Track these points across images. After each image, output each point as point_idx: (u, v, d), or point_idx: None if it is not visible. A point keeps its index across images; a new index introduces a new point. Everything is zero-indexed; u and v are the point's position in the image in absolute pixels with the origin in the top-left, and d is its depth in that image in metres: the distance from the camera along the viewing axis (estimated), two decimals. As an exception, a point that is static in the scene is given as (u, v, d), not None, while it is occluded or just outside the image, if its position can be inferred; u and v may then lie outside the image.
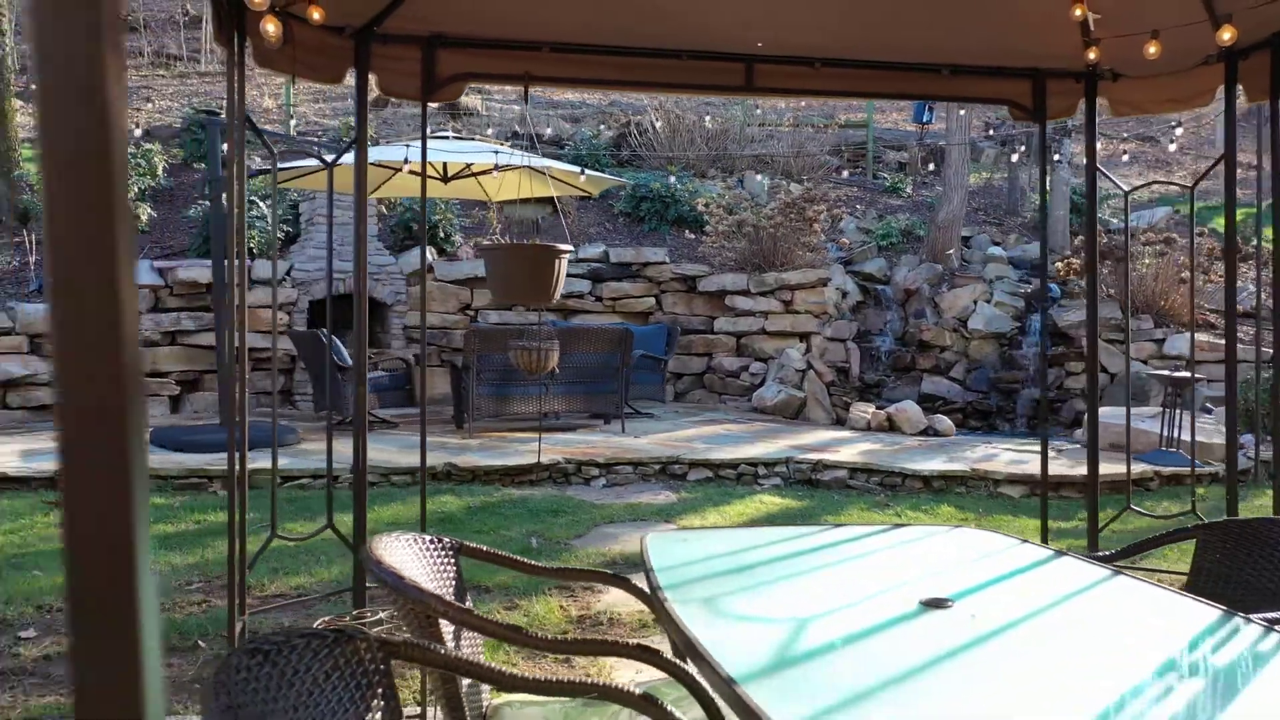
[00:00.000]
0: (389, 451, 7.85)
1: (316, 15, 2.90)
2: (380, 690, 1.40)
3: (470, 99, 19.75)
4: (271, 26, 2.72)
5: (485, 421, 8.95)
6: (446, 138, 9.00)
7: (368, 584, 3.46)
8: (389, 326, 11.38)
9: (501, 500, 6.78)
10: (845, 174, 15.39)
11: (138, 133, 13.48)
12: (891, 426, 9.09)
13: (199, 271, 10.24)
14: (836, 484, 7.35)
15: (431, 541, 2.13)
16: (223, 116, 9.15)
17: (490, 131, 16.57)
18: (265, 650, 1.25)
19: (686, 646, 1.61)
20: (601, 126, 17.46)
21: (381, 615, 3.35)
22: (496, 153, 7.33)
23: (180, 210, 12.50)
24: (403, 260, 11.48)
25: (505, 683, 1.50)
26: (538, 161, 8.37)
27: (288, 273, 10.76)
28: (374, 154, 7.95)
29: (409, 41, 3.27)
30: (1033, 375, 10.74)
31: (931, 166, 16.67)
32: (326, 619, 3.32)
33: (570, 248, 3.76)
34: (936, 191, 16.65)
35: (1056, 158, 13.21)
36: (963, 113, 12.33)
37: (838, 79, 3.50)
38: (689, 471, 7.54)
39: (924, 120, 15.59)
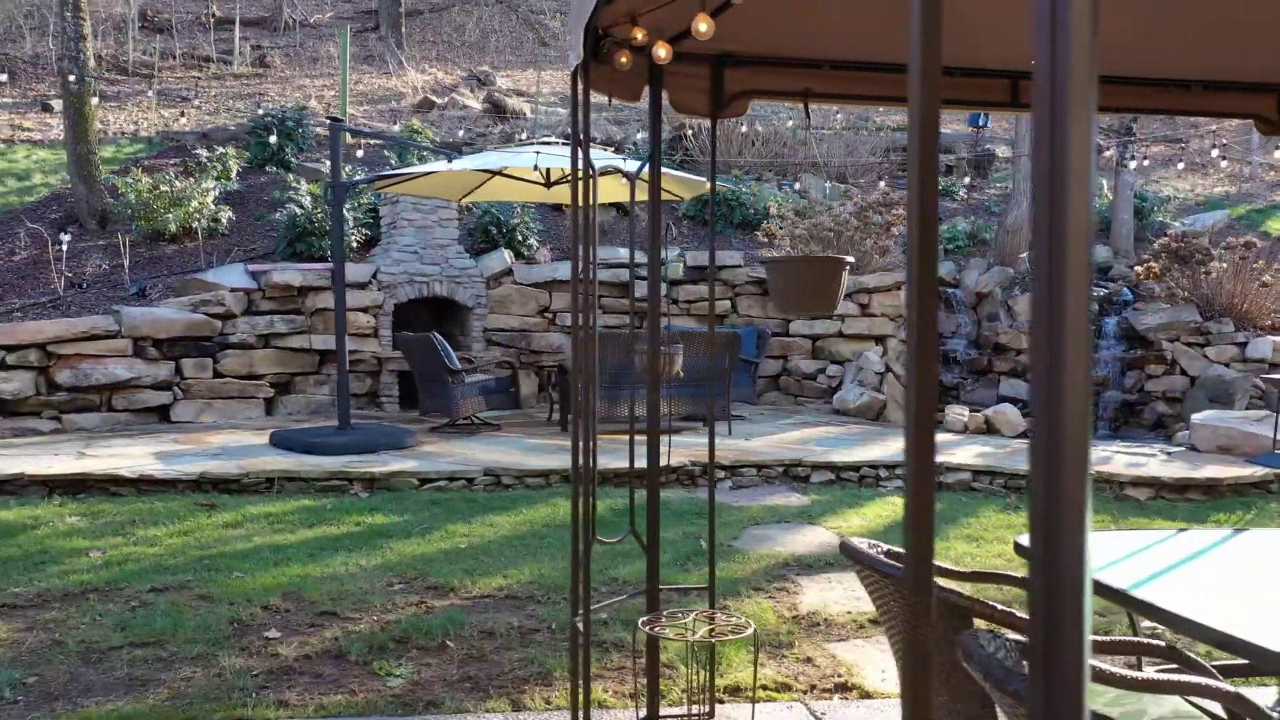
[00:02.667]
0: (512, 453, 7.95)
1: (640, 35, 3.01)
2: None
3: (515, 102, 19.87)
4: (624, 59, 2.85)
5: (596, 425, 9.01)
6: (552, 143, 9.09)
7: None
8: (469, 329, 11.48)
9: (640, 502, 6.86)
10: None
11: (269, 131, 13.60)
12: (990, 429, 9.21)
13: (291, 275, 10.34)
14: (959, 486, 7.47)
15: (869, 545, 2.23)
16: (345, 122, 9.24)
17: (552, 135, 16.66)
18: (981, 641, 1.38)
19: (1257, 655, 1.71)
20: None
21: (684, 614, 3.45)
22: (627, 159, 7.42)
23: (253, 213, 12.60)
24: (482, 264, 11.58)
25: (1124, 684, 1.61)
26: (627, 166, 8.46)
27: (373, 276, 10.85)
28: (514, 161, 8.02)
29: (699, 60, 3.38)
30: (1114, 378, 10.86)
31: (967, 171, 16.80)
32: (647, 617, 3.41)
33: (852, 259, 3.88)
34: (988, 194, 16.81)
35: (1102, 157, 13.33)
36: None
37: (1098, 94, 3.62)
38: (811, 474, 7.64)
39: (980, 124, 15.71)
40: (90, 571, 5.07)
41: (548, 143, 9.07)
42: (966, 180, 16.24)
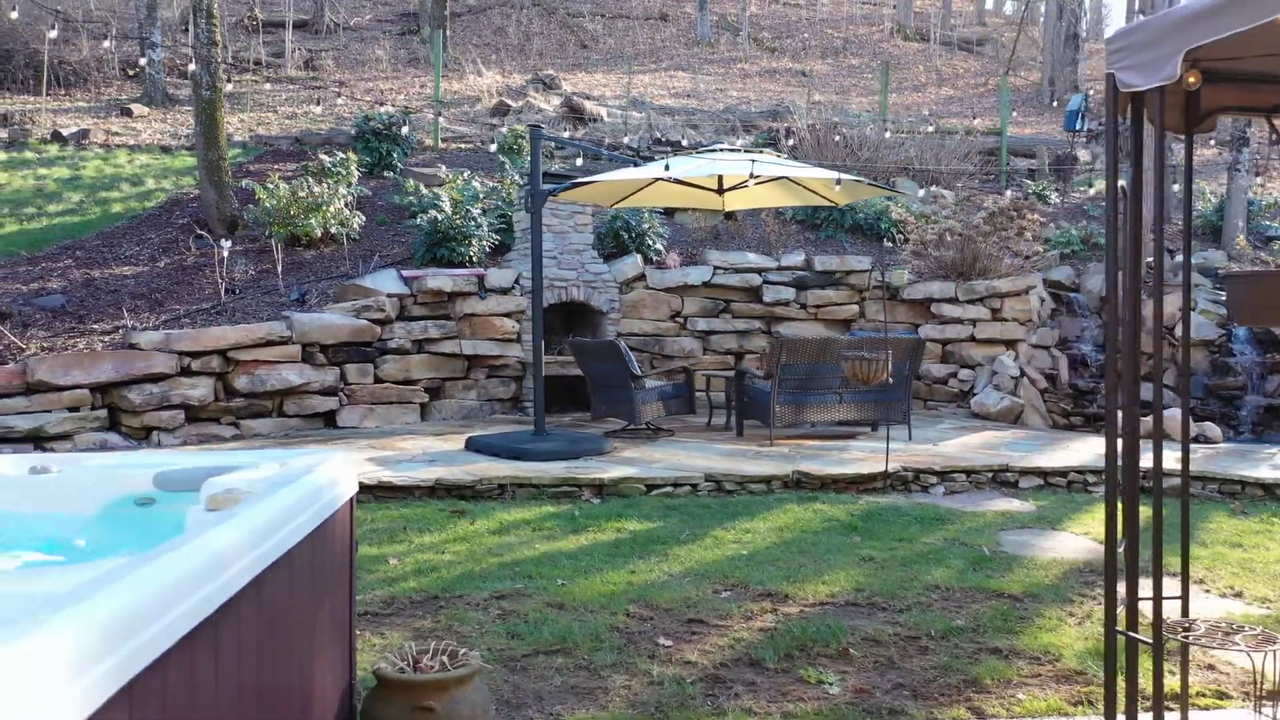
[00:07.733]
0: (714, 459, 7.99)
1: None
2: None
3: (592, 106, 19.90)
4: (1193, 78, 2.92)
5: (778, 430, 9.04)
6: (721, 149, 9.16)
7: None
8: (601, 333, 11.51)
9: (872, 508, 6.91)
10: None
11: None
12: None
13: (443, 280, 10.37)
14: (1171, 491, 7.51)
15: None
16: (545, 130, 9.27)
17: (628, 140, 16.70)
18: None
19: None
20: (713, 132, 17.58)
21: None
22: (833, 170, 7.47)
23: (374, 217, 12.60)
24: (615, 269, 11.61)
25: None
26: (827, 174, 8.52)
27: (515, 281, 10.87)
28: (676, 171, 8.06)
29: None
30: (1253, 382, 10.95)
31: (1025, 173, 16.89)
32: (1173, 623, 3.46)
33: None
34: (1075, 198, 16.90)
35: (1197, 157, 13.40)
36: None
37: None
38: (1019, 479, 7.70)
39: (1076, 129, 15.80)
40: (410, 579, 5.10)
41: (726, 148, 9.13)
42: (1056, 186, 16.31)
